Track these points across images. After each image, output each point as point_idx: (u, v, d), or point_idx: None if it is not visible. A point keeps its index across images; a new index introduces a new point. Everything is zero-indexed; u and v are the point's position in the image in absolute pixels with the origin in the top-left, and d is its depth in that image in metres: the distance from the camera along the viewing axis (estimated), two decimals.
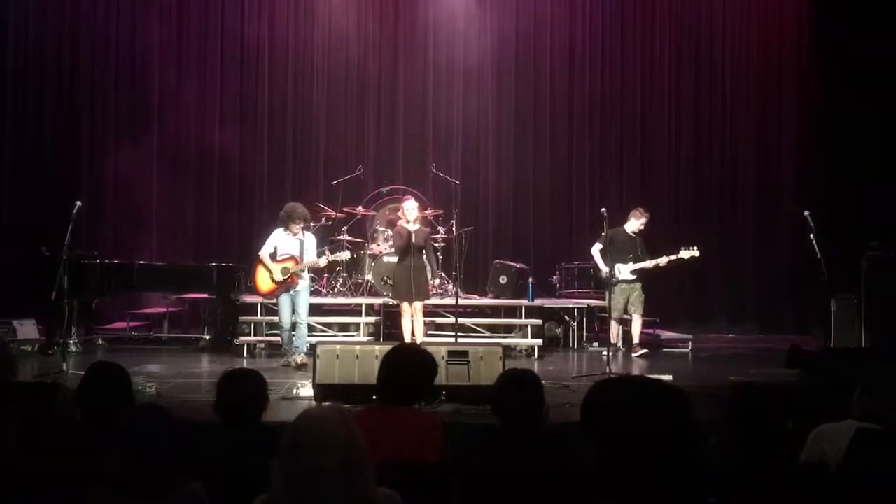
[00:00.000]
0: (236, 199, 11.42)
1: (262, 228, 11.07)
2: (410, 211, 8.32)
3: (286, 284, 8.18)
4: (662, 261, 8.79)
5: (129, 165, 10.72)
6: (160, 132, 11.17)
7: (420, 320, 8.40)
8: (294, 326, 8.26)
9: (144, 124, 11.09)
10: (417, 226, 8.34)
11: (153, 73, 11.26)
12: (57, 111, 11.11)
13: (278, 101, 11.56)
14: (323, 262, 8.59)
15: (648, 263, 8.78)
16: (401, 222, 8.42)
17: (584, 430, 1.74)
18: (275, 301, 8.39)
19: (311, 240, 8.46)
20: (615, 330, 8.91)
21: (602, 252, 8.87)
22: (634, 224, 8.95)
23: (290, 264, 8.19)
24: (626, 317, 9.04)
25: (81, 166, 11.09)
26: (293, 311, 8.24)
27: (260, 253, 8.32)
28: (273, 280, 8.18)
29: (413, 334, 8.28)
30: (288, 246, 8.24)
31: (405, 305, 8.33)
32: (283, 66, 11.60)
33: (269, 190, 11.40)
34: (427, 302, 8.63)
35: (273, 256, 8.25)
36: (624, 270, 8.76)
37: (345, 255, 8.86)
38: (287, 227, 8.24)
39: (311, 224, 8.89)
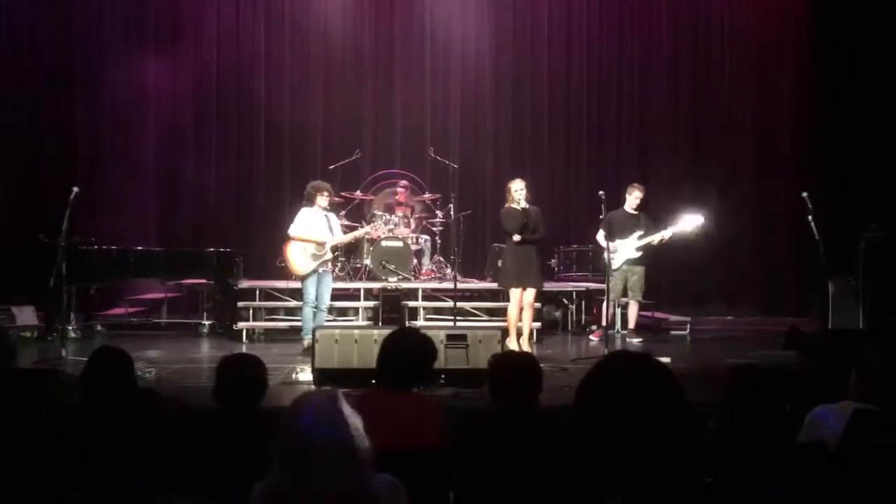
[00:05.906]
0: (234, 187, 11.39)
1: (261, 214, 11.13)
2: (520, 191, 7.78)
3: (324, 262, 8.07)
4: (667, 233, 8.70)
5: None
6: (156, 120, 11.14)
7: (529, 312, 7.95)
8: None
9: (140, 110, 11.06)
10: (527, 204, 7.78)
11: (149, 66, 11.21)
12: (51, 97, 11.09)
13: (275, 86, 11.50)
14: (361, 233, 8.82)
15: (654, 237, 8.70)
16: (510, 204, 7.83)
17: (575, 407, 1.70)
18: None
19: (334, 217, 8.37)
20: (611, 313, 8.70)
21: (605, 237, 8.79)
22: (631, 201, 8.90)
23: (327, 239, 8.09)
24: (623, 299, 8.99)
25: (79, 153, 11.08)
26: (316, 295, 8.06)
27: (292, 232, 8.00)
28: (314, 257, 8.00)
29: (520, 323, 7.86)
30: (317, 223, 8.09)
31: (515, 292, 7.91)
32: (280, 50, 11.55)
33: (267, 175, 11.38)
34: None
35: None
36: (629, 246, 8.69)
37: (382, 227, 9.24)
38: (314, 203, 8.08)
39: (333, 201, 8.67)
